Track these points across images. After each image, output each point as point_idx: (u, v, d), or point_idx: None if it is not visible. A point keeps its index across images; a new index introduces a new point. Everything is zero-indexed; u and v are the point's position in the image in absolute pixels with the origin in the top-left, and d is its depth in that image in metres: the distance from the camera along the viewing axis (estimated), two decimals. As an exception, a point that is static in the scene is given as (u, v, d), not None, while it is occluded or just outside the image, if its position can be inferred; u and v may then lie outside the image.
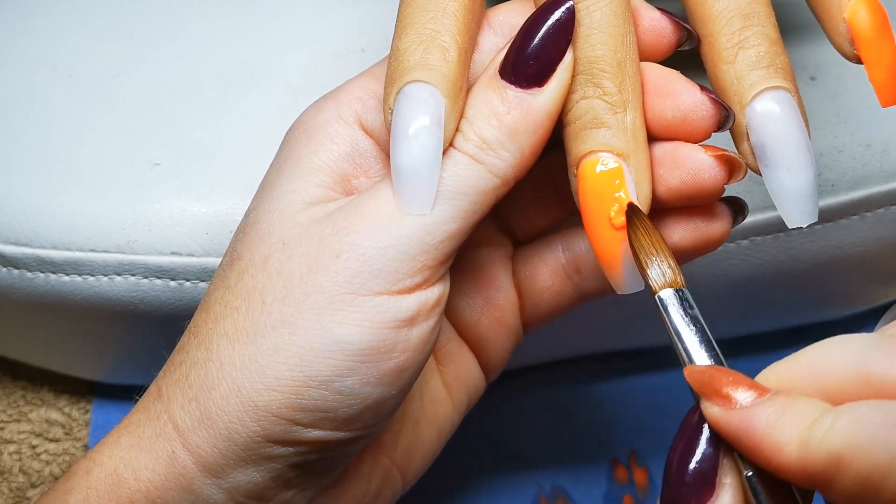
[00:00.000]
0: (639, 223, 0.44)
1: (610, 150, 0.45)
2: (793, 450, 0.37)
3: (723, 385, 0.39)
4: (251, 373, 0.44)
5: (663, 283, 0.43)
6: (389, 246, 0.43)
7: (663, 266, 0.43)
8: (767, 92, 0.45)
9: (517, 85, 0.45)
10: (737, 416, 0.39)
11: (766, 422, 0.38)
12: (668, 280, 0.43)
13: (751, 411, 0.38)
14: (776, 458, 0.37)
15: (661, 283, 0.43)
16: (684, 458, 0.40)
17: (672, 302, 0.43)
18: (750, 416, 0.38)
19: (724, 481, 0.39)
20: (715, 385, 0.40)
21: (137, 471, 0.45)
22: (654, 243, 0.44)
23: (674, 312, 0.43)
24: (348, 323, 0.43)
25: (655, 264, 0.43)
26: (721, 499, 0.39)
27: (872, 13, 0.46)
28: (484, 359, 0.54)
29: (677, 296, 0.43)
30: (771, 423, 0.38)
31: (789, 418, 0.38)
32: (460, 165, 0.44)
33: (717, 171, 0.46)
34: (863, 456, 0.36)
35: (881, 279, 0.66)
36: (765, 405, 0.38)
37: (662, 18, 0.47)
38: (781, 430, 0.37)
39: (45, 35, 0.62)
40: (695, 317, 0.42)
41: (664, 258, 0.44)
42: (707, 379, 0.40)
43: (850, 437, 0.36)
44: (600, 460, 0.66)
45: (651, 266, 0.44)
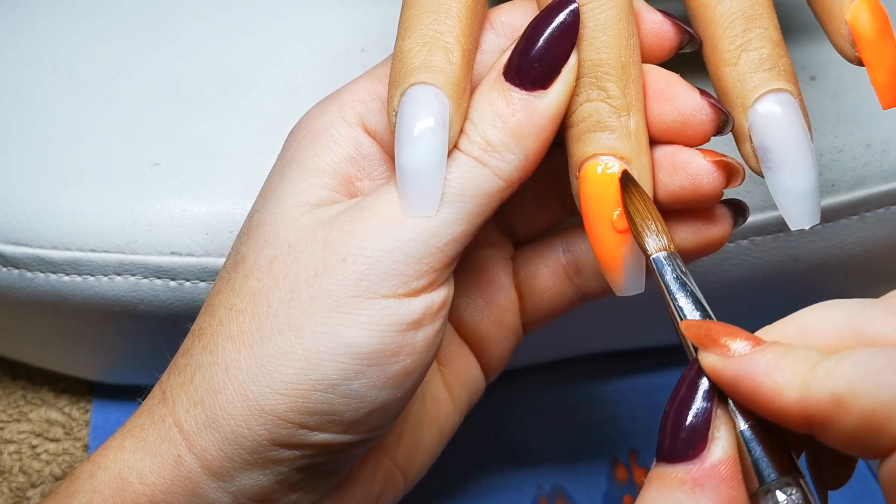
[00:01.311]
0: (633, 188, 0.45)
1: (613, 154, 0.45)
2: (793, 391, 0.37)
3: (720, 335, 0.40)
4: (258, 376, 0.44)
5: (658, 247, 0.44)
6: (395, 249, 0.43)
7: (658, 232, 0.44)
8: (770, 94, 0.45)
9: (521, 87, 0.45)
10: (735, 363, 0.39)
11: (765, 366, 0.38)
12: (663, 245, 0.44)
13: (750, 357, 0.39)
14: (775, 400, 0.38)
15: (655, 248, 0.44)
16: (679, 412, 0.40)
17: (666, 264, 0.44)
18: (749, 361, 0.39)
19: (717, 434, 0.40)
20: (712, 335, 0.40)
21: (142, 474, 0.45)
22: (649, 210, 0.44)
23: (668, 274, 0.43)
24: (355, 326, 0.43)
25: (651, 229, 0.44)
26: (712, 451, 0.39)
27: (874, 15, 0.46)
28: (484, 359, 0.54)
29: (671, 259, 0.44)
30: (771, 367, 0.38)
31: (790, 362, 0.38)
32: (465, 168, 0.44)
33: (716, 176, 0.46)
34: (865, 396, 0.36)
35: (881, 279, 0.66)
36: (764, 351, 0.39)
37: (664, 21, 0.47)
38: (782, 373, 0.38)
39: (45, 35, 0.62)
40: (687, 279, 0.43)
41: (658, 224, 0.44)
42: (704, 330, 0.40)
43: (853, 378, 0.36)
44: (600, 460, 0.66)
45: (646, 231, 0.44)
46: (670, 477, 0.39)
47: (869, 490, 0.62)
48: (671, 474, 0.39)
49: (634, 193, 0.45)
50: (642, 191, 0.45)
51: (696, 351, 0.41)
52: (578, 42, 0.45)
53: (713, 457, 0.39)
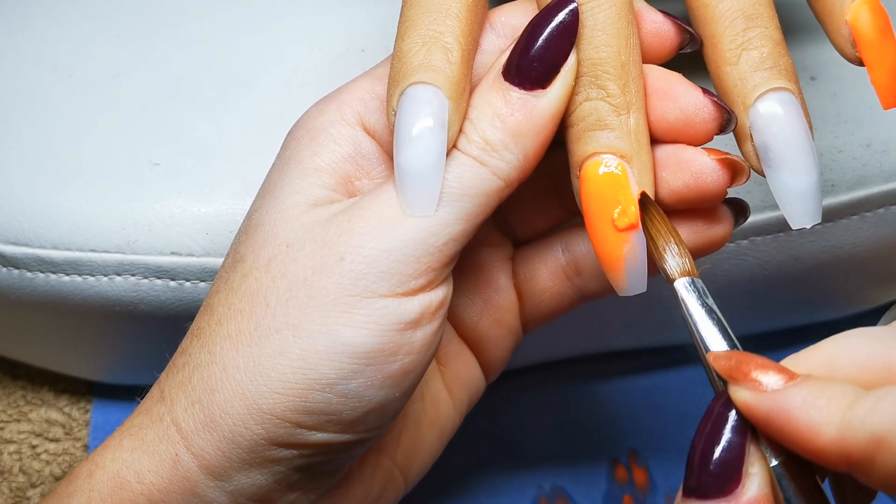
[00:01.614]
0: (654, 212, 0.45)
1: (613, 152, 0.45)
2: (832, 430, 0.36)
3: (751, 368, 0.39)
4: (255, 375, 0.44)
5: (681, 271, 0.43)
6: (394, 248, 0.43)
7: (680, 255, 0.44)
8: (771, 93, 0.45)
9: (521, 87, 0.44)
10: (769, 399, 0.38)
11: (801, 403, 0.37)
12: (685, 269, 0.43)
13: (785, 393, 0.38)
14: (814, 439, 0.37)
15: (678, 272, 0.43)
16: (709, 446, 0.39)
17: (689, 291, 0.43)
18: (784, 397, 0.38)
19: (751, 471, 0.39)
20: (743, 368, 0.39)
21: (140, 474, 0.45)
22: (670, 232, 0.44)
23: (691, 301, 0.43)
24: (353, 325, 0.43)
25: (672, 253, 0.44)
26: (748, 489, 0.39)
27: (874, 15, 0.46)
28: (484, 359, 0.54)
29: (693, 285, 0.43)
30: (808, 403, 0.37)
31: (827, 399, 0.37)
32: (464, 167, 0.44)
33: (720, 175, 0.46)
34: None
35: (881, 279, 0.66)
36: (799, 387, 0.38)
37: (665, 21, 0.47)
38: (819, 411, 0.37)
39: (45, 35, 0.62)
40: (710, 306, 0.42)
41: (679, 248, 0.44)
42: (734, 363, 0.39)
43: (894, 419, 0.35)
44: (600, 460, 0.66)
45: (668, 255, 0.44)
46: None
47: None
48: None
49: (654, 215, 0.44)
50: (661, 212, 0.44)
51: (725, 384, 0.40)
52: (578, 41, 0.45)
53: (749, 494, 0.39)
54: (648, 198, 0.45)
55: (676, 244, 0.44)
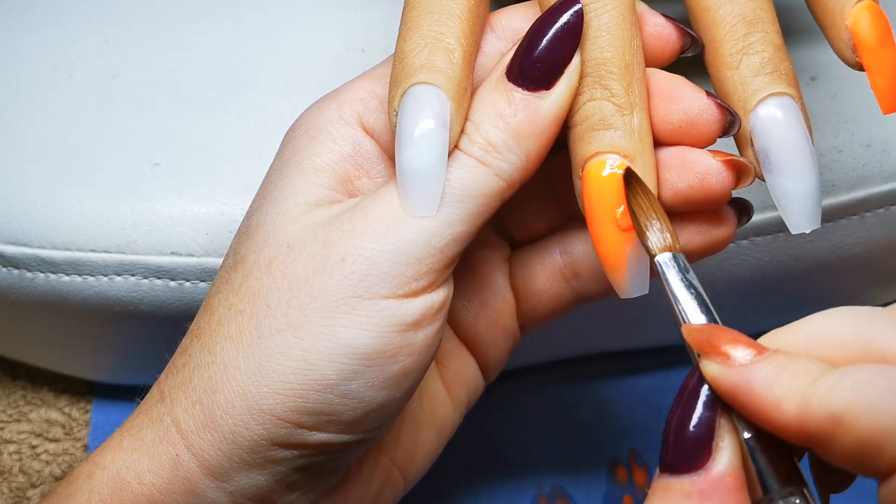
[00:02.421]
0: (637, 186, 0.44)
1: (617, 152, 0.45)
2: (792, 406, 0.37)
3: (722, 342, 0.39)
4: (256, 376, 0.44)
5: (662, 246, 0.43)
6: (395, 249, 0.43)
7: (662, 230, 0.43)
8: (771, 98, 0.45)
9: (524, 87, 0.44)
10: (735, 373, 0.38)
11: (765, 378, 0.38)
12: (667, 244, 0.43)
13: (750, 367, 0.38)
14: (775, 414, 0.37)
15: (659, 247, 0.43)
16: (682, 421, 0.39)
17: (670, 265, 0.43)
18: (749, 372, 0.38)
19: (721, 444, 0.39)
20: (714, 342, 0.39)
21: (141, 474, 0.45)
22: (653, 208, 0.44)
23: (672, 275, 0.43)
24: (354, 327, 0.43)
25: (654, 228, 0.44)
26: (717, 462, 0.39)
27: (875, 21, 0.46)
28: (482, 359, 0.54)
29: (675, 260, 0.43)
30: (771, 379, 0.37)
31: (790, 375, 0.37)
32: (466, 168, 0.44)
33: (725, 176, 0.46)
34: (865, 418, 0.35)
35: (881, 279, 0.66)
36: (765, 362, 0.38)
37: (667, 24, 0.47)
38: (781, 387, 0.37)
39: (45, 35, 0.62)
40: (691, 281, 0.43)
41: (662, 223, 0.44)
42: (706, 336, 0.40)
43: (853, 398, 0.36)
44: (600, 460, 0.66)
45: (650, 230, 0.44)
46: (675, 488, 0.39)
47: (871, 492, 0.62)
48: (676, 485, 0.39)
49: (638, 191, 0.44)
50: (647, 188, 0.44)
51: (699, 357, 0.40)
52: (582, 42, 0.45)
53: (718, 467, 0.39)
54: (633, 172, 0.45)
55: (658, 219, 0.44)
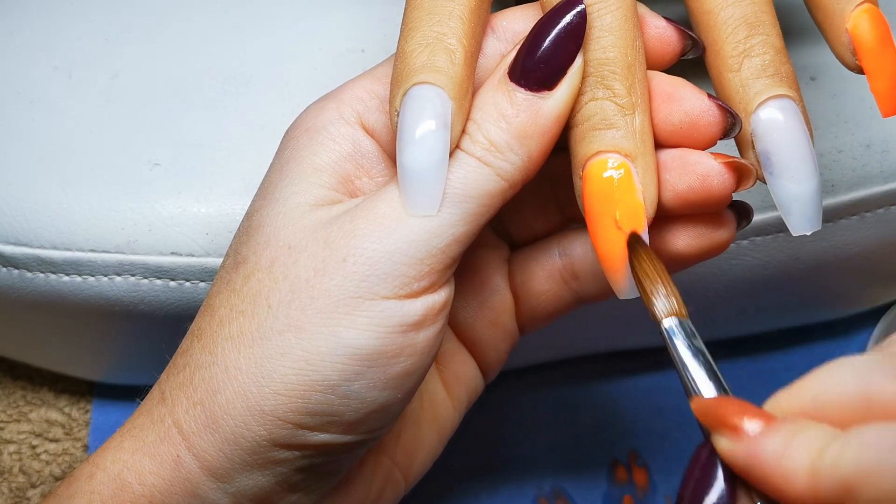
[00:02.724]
0: (641, 250, 0.44)
1: (618, 151, 0.45)
2: (802, 479, 0.36)
3: (729, 415, 0.39)
4: (257, 377, 0.44)
5: (668, 311, 0.43)
6: (396, 250, 0.43)
7: (668, 296, 0.43)
8: (772, 100, 0.45)
9: (527, 88, 0.44)
10: (745, 447, 0.38)
11: (774, 451, 0.37)
12: (673, 309, 0.43)
13: (759, 441, 0.38)
14: (787, 488, 0.37)
15: (666, 312, 0.43)
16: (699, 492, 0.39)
17: (677, 332, 0.42)
18: (758, 446, 0.38)
19: None
20: (721, 416, 0.39)
21: (142, 475, 0.45)
22: (658, 272, 0.44)
23: (679, 343, 0.42)
24: (355, 327, 0.43)
25: (661, 294, 0.43)
26: None
27: (874, 24, 0.46)
28: (481, 359, 0.54)
29: (682, 326, 0.42)
30: (779, 452, 0.37)
31: (798, 446, 0.37)
32: (467, 168, 0.44)
33: (727, 178, 0.46)
34: (873, 483, 0.35)
35: (881, 279, 0.66)
36: (772, 434, 0.38)
37: (668, 27, 0.47)
38: (791, 459, 0.37)
39: (45, 35, 0.62)
40: (699, 348, 0.42)
41: (668, 287, 0.43)
42: (713, 410, 0.39)
43: (859, 464, 0.35)
44: (600, 460, 0.66)
45: (656, 295, 0.43)
46: None
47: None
48: None
49: (643, 255, 0.44)
50: (651, 252, 0.44)
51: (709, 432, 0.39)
52: (584, 42, 0.45)
53: None
54: (637, 236, 0.44)
55: (664, 284, 0.43)
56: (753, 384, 0.68)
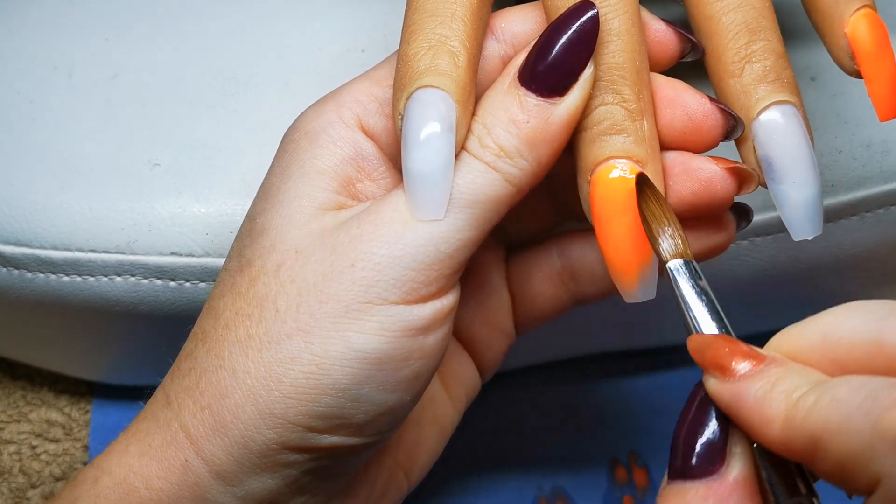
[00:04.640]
0: (648, 191, 0.44)
1: (629, 157, 0.45)
2: (777, 427, 0.37)
3: (720, 354, 0.39)
4: (267, 381, 0.44)
5: (674, 252, 0.43)
6: (404, 255, 0.43)
7: (674, 236, 0.43)
8: (773, 106, 0.46)
9: (537, 93, 0.44)
10: (729, 389, 0.38)
11: (754, 396, 0.38)
12: (679, 250, 0.43)
13: (743, 384, 0.38)
14: (764, 433, 0.37)
15: (672, 253, 0.43)
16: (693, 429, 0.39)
17: (682, 272, 0.43)
18: (741, 389, 0.38)
19: (735, 450, 0.39)
20: (712, 355, 0.39)
21: (149, 480, 0.45)
22: (665, 213, 0.44)
23: (683, 282, 0.43)
24: (365, 332, 0.43)
25: (666, 234, 0.43)
26: (732, 467, 0.39)
27: (873, 29, 0.47)
28: (478, 359, 0.54)
29: (687, 266, 0.43)
30: (760, 396, 0.38)
31: (777, 392, 0.37)
32: (476, 172, 0.44)
33: (729, 183, 0.46)
34: (838, 441, 0.35)
35: (881, 279, 0.66)
36: (755, 378, 0.38)
37: (668, 30, 0.47)
38: (769, 405, 0.37)
39: (45, 35, 0.62)
40: (703, 287, 0.42)
41: (675, 229, 0.43)
42: (705, 349, 0.40)
43: (827, 420, 0.36)
44: (600, 460, 0.66)
45: (662, 235, 0.43)
46: (690, 494, 0.39)
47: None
48: (691, 491, 0.39)
49: (650, 196, 0.44)
50: (658, 193, 0.44)
51: None
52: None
53: (734, 472, 0.39)
54: (645, 177, 0.44)
55: (670, 225, 0.43)
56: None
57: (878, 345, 0.37)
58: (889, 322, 0.38)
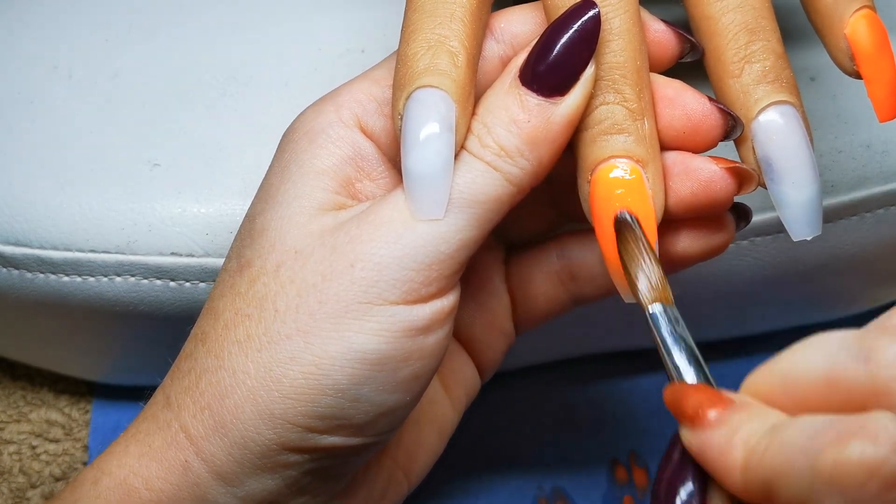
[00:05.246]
0: (628, 234, 0.44)
1: (629, 156, 0.45)
2: (737, 474, 0.37)
3: (691, 404, 0.39)
4: (266, 381, 0.44)
5: (653, 297, 0.43)
6: (405, 255, 0.43)
7: (654, 280, 0.43)
8: (773, 106, 0.46)
9: (538, 93, 0.44)
10: (697, 438, 0.38)
11: (717, 443, 0.37)
12: (658, 295, 0.43)
13: (707, 433, 0.38)
14: (728, 481, 0.37)
15: (651, 298, 0.43)
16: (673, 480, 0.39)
17: (661, 318, 0.43)
18: (706, 437, 0.38)
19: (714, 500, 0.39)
20: (684, 405, 0.39)
21: (149, 480, 0.45)
22: (645, 254, 0.44)
23: (663, 328, 0.42)
24: (365, 332, 0.43)
25: (646, 278, 0.43)
26: None
27: (872, 30, 0.47)
28: (478, 359, 0.54)
29: (666, 313, 0.43)
30: (722, 444, 0.37)
31: (738, 439, 0.37)
32: (476, 172, 0.44)
33: (729, 183, 0.46)
34: (786, 485, 0.35)
35: (881, 279, 0.66)
36: (718, 426, 0.38)
37: (667, 30, 0.47)
38: (730, 453, 0.37)
39: (45, 35, 0.62)
40: (682, 333, 0.42)
41: (655, 272, 0.43)
42: (679, 399, 0.39)
43: (776, 464, 0.35)
44: (600, 460, 0.66)
45: (641, 280, 0.43)
46: None
47: None
48: None
49: (629, 239, 0.44)
50: (637, 235, 0.44)
51: None
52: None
53: None
54: (624, 220, 0.44)
55: (651, 268, 0.43)
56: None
57: (831, 384, 0.37)
58: (839, 357, 0.37)
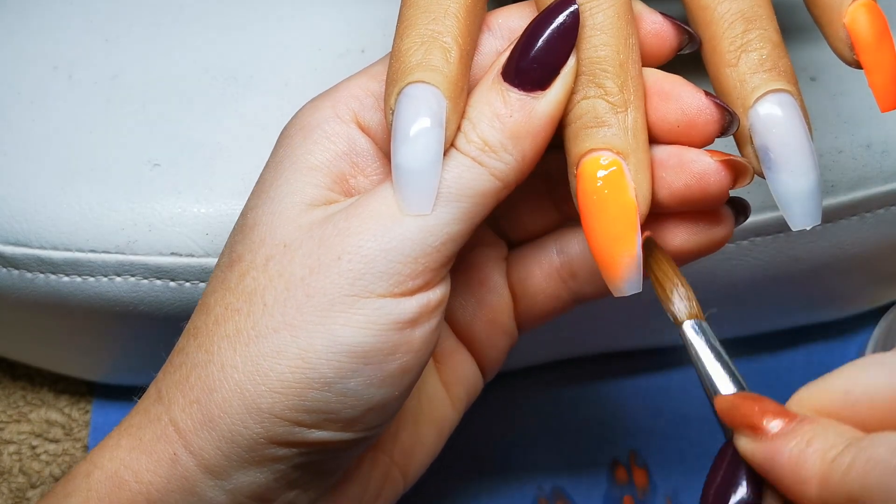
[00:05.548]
0: (659, 254, 0.45)
1: (609, 149, 0.45)
2: (815, 487, 0.36)
3: (751, 414, 0.39)
4: (253, 375, 0.44)
5: (688, 313, 0.43)
6: (391, 248, 0.43)
7: (685, 298, 0.44)
8: (770, 94, 0.45)
9: (520, 88, 0.44)
10: (763, 448, 0.38)
11: (789, 455, 0.37)
12: (692, 311, 0.43)
13: (776, 443, 0.38)
14: (800, 492, 0.37)
15: (686, 314, 0.43)
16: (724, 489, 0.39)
17: (696, 333, 0.43)
18: (775, 448, 0.38)
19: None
20: (743, 414, 0.39)
21: (138, 473, 0.45)
22: (675, 275, 0.44)
23: (699, 344, 0.43)
24: (351, 325, 0.43)
25: (679, 296, 0.44)
26: None
27: (872, 19, 0.46)
28: (480, 358, 0.54)
29: (700, 327, 0.43)
30: (794, 456, 0.37)
31: (813, 451, 0.37)
32: (462, 167, 0.44)
33: (723, 176, 0.46)
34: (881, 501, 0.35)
35: (881, 279, 0.66)
36: (789, 437, 0.38)
37: (664, 22, 0.47)
38: (804, 465, 0.37)
39: (45, 35, 0.62)
40: (717, 348, 0.43)
41: (685, 290, 0.44)
42: (735, 409, 0.39)
43: (867, 481, 0.35)
44: (600, 460, 0.66)
45: (675, 297, 0.44)
46: None
47: None
48: None
49: (660, 258, 0.44)
50: (667, 255, 0.45)
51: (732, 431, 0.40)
52: (577, 41, 0.45)
53: None
54: (653, 240, 0.45)
55: (683, 286, 0.44)
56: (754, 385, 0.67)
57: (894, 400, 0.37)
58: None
